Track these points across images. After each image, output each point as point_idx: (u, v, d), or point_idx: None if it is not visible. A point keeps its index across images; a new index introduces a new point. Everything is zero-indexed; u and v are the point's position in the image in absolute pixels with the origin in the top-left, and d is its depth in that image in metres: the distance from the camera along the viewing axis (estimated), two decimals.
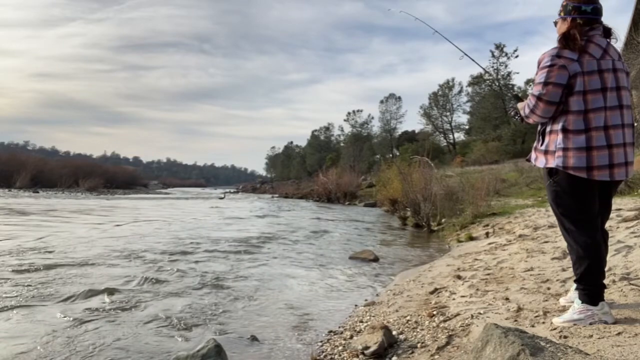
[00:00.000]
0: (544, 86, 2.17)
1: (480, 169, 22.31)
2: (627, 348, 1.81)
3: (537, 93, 2.19)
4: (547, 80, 2.16)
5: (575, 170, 2.13)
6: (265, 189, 61.38)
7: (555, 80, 2.14)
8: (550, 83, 2.15)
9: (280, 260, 6.14)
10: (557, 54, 2.17)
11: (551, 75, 2.15)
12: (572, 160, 2.13)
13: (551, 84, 2.15)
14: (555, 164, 2.18)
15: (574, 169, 2.13)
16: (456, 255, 5.88)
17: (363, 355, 2.50)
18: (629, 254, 3.40)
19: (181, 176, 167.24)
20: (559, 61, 2.15)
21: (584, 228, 2.19)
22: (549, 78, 2.15)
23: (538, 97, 2.19)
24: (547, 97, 2.16)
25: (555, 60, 2.16)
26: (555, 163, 2.18)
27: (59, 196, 29.92)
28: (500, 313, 2.71)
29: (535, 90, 2.21)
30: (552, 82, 2.15)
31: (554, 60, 2.16)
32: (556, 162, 2.18)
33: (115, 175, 62.15)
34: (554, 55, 2.17)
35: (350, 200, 26.47)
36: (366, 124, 69.76)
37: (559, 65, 2.14)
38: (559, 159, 2.17)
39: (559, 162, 2.16)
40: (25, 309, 3.50)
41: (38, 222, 10.86)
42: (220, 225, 11.37)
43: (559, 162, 2.17)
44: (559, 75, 2.14)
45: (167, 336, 2.99)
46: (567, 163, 2.14)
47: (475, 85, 49.31)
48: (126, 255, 6.06)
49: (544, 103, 2.18)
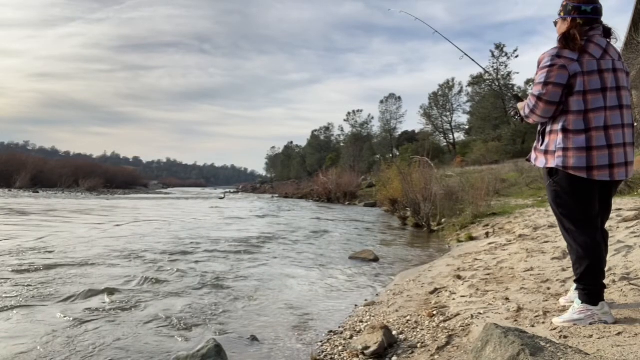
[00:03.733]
0: (543, 86, 2.16)
1: (480, 169, 22.31)
2: (627, 348, 1.81)
3: (537, 93, 2.19)
4: (547, 80, 2.15)
5: (575, 170, 2.13)
6: (265, 189, 61.40)
7: (555, 80, 2.14)
8: (550, 83, 2.15)
9: (280, 260, 6.13)
10: (557, 54, 2.17)
11: (551, 75, 2.14)
12: (572, 160, 2.13)
13: (551, 84, 2.15)
14: (555, 164, 2.18)
15: (574, 169, 2.13)
16: (456, 255, 5.87)
17: (363, 355, 2.50)
18: (629, 254, 3.40)
19: (181, 176, 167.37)
20: (559, 61, 2.14)
21: (584, 228, 2.19)
22: (548, 78, 2.15)
23: (538, 97, 2.18)
24: (547, 97, 2.16)
25: (555, 60, 2.15)
26: (555, 163, 2.18)
27: (59, 196, 29.91)
28: (500, 313, 2.71)
29: (535, 90, 2.21)
30: (552, 82, 2.14)
31: (554, 60, 2.15)
32: (556, 162, 2.18)
33: (115, 175, 62.29)
34: (554, 55, 2.17)
35: (350, 200, 26.46)
36: (366, 124, 69.81)
37: (559, 65, 2.14)
38: (559, 159, 2.17)
39: (559, 162, 2.17)
40: (25, 309, 3.50)
41: (38, 222, 10.86)
42: (220, 225, 11.36)
43: (559, 162, 2.17)
44: (559, 75, 2.13)
45: (167, 336, 2.99)
46: (567, 163, 2.14)
47: (475, 85, 49.27)
48: (126, 255, 6.07)
49: (544, 103, 2.18)
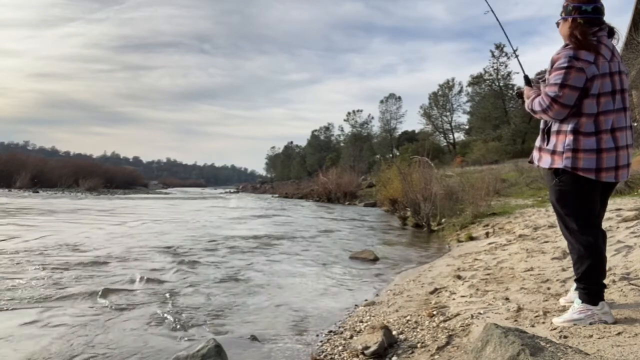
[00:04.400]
0: (560, 88, 2.10)
1: (480, 169, 22.26)
2: (627, 348, 1.81)
3: (552, 94, 2.12)
4: (563, 82, 2.09)
5: (584, 172, 2.12)
6: (265, 189, 61.35)
7: (572, 83, 2.08)
8: (567, 86, 2.09)
9: (280, 260, 6.13)
10: (574, 56, 2.10)
11: (568, 77, 2.08)
12: (582, 161, 2.11)
13: (568, 87, 2.09)
14: (563, 164, 2.15)
15: (583, 170, 2.12)
16: (456, 255, 5.87)
17: (363, 355, 2.50)
18: (629, 254, 3.40)
19: (181, 176, 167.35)
20: (577, 63, 2.08)
21: (587, 228, 2.19)
22: (566, 80, 2.09)
23: (553, 98, 2.11)
24: (563, 100, 2.10)
25: (572, 62, 2.08)
26: (564, 164, 2.15)
27: (59, 196, 29.91)
28: (500, 313, 2.71)
29: (551, 91, 2.14)
30: (569, 84, 2.08)
31: (572, 62, 2.09)
32: (565, 163, 2.15)
33: (115, 175, 62.30)
34: (571, 56, 2.10)
35: (350, 200, 26.44)
36: (366, 124, 69.79)
37: (577, 68, 2.08)
38: (567, 160, 2.14)
39: (568, 163, 2.14)
40: (26, 309, 3.50)
41: (38, 222, 10.86)
42: (220, 225, 11.36)
43: (567, 163, 2.14)
44: (577, 77, 2.08)
45: (167, 336, 2.99)
46: (576, 164, 2.12)
47: (475, 85, 49.25)
48: (125, 255, 6.06)
49: (559, 105, 2.12)
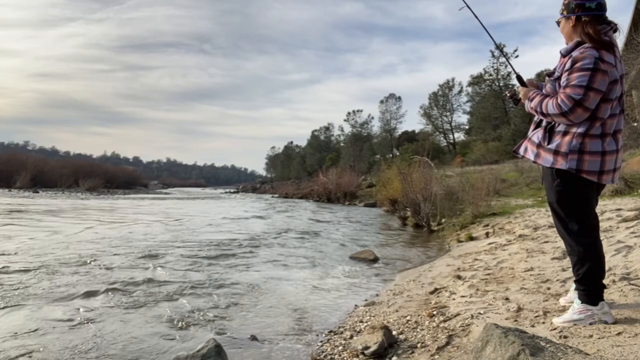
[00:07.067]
0: (586, 90, 1.98)
1: (480, 169, 22.25)
2: (627, 348, 1.81)
3: (577, 97, 1.99)
4: (590, 84, 1.98)
5: (588, 174, 2.09)
6: (265, 189, 61.34)
7: (597, 86, 1.99)
8: (593, 89, 1.98)
9: (280, 260, 6.13)
10: (599, 57, 2.00)
11: (594, 80, 1.98)
12: (587, 164, 2.08)
13: (593, 90, 1.99)
14: (567, 166, 2.11)
15: (587, 172, 2.09)
16: (456, 255, 5.87)
17: (363, 355, 2.50)
18: (629, 254, 3.40)
19: (181, 176, 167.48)
20: (602, 66, 1.99)
21: (587, 228, 2.19)
22: (592, 83, 1.98)
23: (578, 101, 1.99)
24: (587, 104, 1.99)
25: (598, 64, 1.99)
26: (568, 165, 2.11)
27: (59, 196, 29.90)
28: (500, 313, 2.71)
29: (575, 93, 2.00)
30: (595, 87, 1.98)
31: (597, 64, 1.99)
32: (569, 164, 2.11)
33: (115, 175, 62.30)
34: (597, 58, 2.00)
35: (350, 200, 26.44)
36: (366, 124, 69.74)
37: (602, 70, 1.99)
38: (572, 161, 2.10)
39: (572, 165, 2.10)
40: (26, 309, 3.50)
41: (38, 221, 10.86)
42: (220, 225, 11.36)
43: (572, 164, 2.10)
44: (602, 81, 1.99)
45: (167, 336, 2.99)
46: (581, 166, 2.09)
47: (475, 85, 49.24)
48: (126, 255, 6.07)
49: (583, 109, 2.00)
